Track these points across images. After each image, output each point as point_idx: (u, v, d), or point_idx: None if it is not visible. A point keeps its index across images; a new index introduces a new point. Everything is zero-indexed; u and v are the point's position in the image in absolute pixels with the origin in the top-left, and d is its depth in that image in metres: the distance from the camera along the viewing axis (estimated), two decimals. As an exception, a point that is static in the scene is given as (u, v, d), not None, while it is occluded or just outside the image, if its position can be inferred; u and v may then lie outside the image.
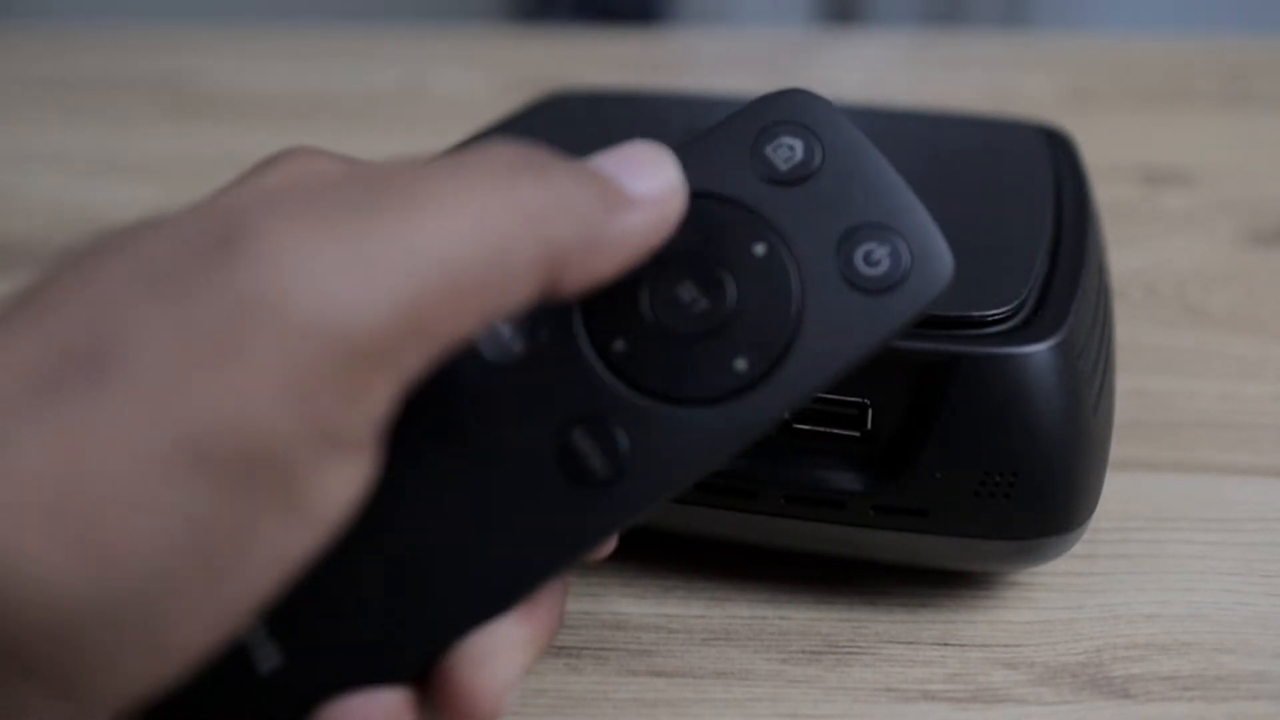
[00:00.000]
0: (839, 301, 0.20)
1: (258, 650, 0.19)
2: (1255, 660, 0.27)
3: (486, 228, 0.17)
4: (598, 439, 0.20)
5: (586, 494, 0.20)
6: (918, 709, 0.26)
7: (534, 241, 0.18)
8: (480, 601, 0.19)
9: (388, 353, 0.16)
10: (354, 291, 0.16)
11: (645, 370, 0.20)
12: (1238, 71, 0.76)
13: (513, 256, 0.17)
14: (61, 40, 0.89)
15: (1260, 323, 0.43)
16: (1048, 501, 0.25)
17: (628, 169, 0.20)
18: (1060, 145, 0.37)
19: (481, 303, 0.17)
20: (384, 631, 0.19)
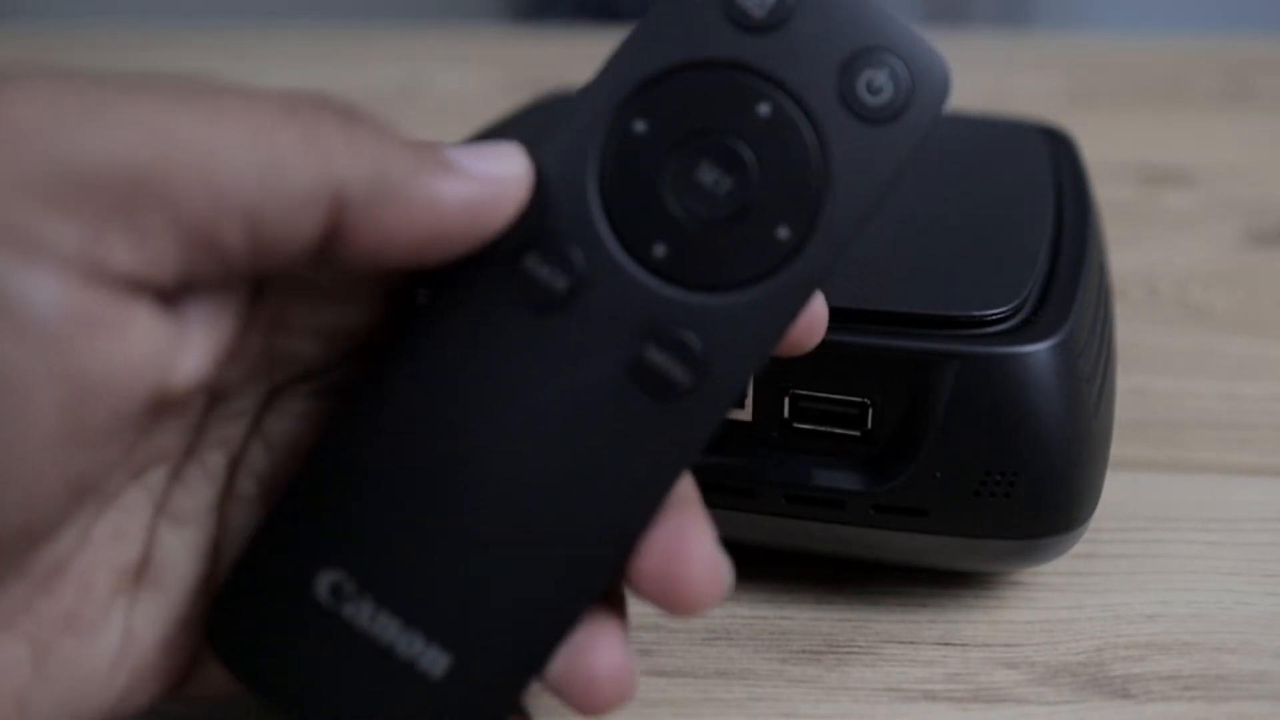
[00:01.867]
0: (855, 138, 0.20)
1: (422, 659, 0.19)
2: (1256, 660, 0.27)
3: (260, 138, 0.17)
4: (670, 349, 0.19)
5: (676, 405, 0.19)
6: (918, 709, 0.26)
7: (314, 170, 0.18)
8: (609, 541, 0.19)
9: (127, 200, 0.16)
10: (91, 133, 0.16)
11: (692, 266, 0.20)
12: (1238, 71, 0.76)
13: (287, 176, 0.17)
14: (62, 40, 0.89)
15: (1260, 323, 0.43)
16: (1048, 501, 0.25)
17: (467, 151, 0.19)
18: (1060, 145, 0.37)
19: (249, 214, 0.17)
20: (533, 593, 0.19)
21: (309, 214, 0.18)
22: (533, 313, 0.20)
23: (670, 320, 0.20)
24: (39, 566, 0.19)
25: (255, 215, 0.17)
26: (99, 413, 0.17)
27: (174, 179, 0.17)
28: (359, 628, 0.19)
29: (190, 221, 0.17)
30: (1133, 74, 0.76)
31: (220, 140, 0.17)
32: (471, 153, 0.19)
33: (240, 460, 0.21)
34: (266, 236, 0.18)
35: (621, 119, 0.20)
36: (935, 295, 0.26)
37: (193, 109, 0.17)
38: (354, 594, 0.19)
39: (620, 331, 0.19)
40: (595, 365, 0.19)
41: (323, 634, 0.19)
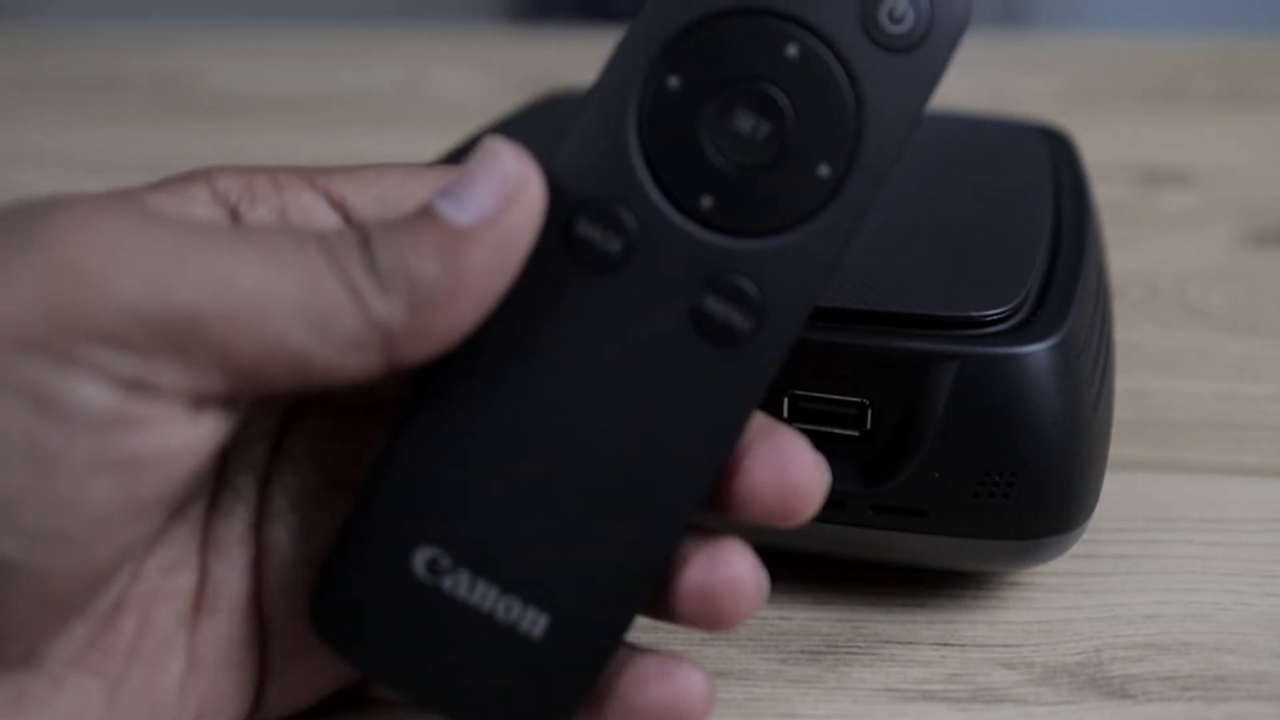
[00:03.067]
0: (883, 69, 0.20)
1: (522, 622, 0.20)
2: (1255, 660, 0.27)
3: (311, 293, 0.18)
4: (728, 297, 0.20)
5: (738, 351, 0.20)
6: (917, 709, 0.26)
7: (358, 319, 0.18)
8: (690, 482, 0.20)
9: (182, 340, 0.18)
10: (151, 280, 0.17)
11: (740, 214, 0.20)
12: (1237, 71, 0.76)
13: (335, 328, 0.18)
14: (61, 40, 0.89)
15: (1260, 323, 0.43)
16: (1047, 501, 0.25)
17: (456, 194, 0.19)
18: (1060, 145, 0.37)
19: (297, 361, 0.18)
20: (622, 541, 0.20)
21: (361, 357, 0.19)
22: (591, 276, 0.20)
23: (725, 269, 0.20)
24: (99, 606, 0.20)
25: (304, 362, 0.18)
26: (147, 490, 0.18)
27: (228, 327, 0.18)
28: (459, 599, 0.20)
29: (241, 364, 0.18)
30: (1133, 74, 0.76)
31: (273, 290, 0.18)
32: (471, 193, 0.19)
33: (269, 480, 0.22)
34: (315, 376, 0.19)
35: (654, 77, 0.20)
36: (934, 295, 0.26)
37: (246, 255, 0.18)
38: (450, 567, 0.20)
39: (677, 285, 0.20)
40: (658, 320, 0.20)
41: (425, 609, 0.20)
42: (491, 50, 0.90)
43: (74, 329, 0.17)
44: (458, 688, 0.20)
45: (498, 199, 0.19)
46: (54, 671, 0.19)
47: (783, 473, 0.20)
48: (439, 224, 0.19)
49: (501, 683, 0.20)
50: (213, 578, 0.21)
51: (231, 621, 0.22)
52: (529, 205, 0.19)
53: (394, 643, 0.20)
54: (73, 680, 0.20)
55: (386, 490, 0.20)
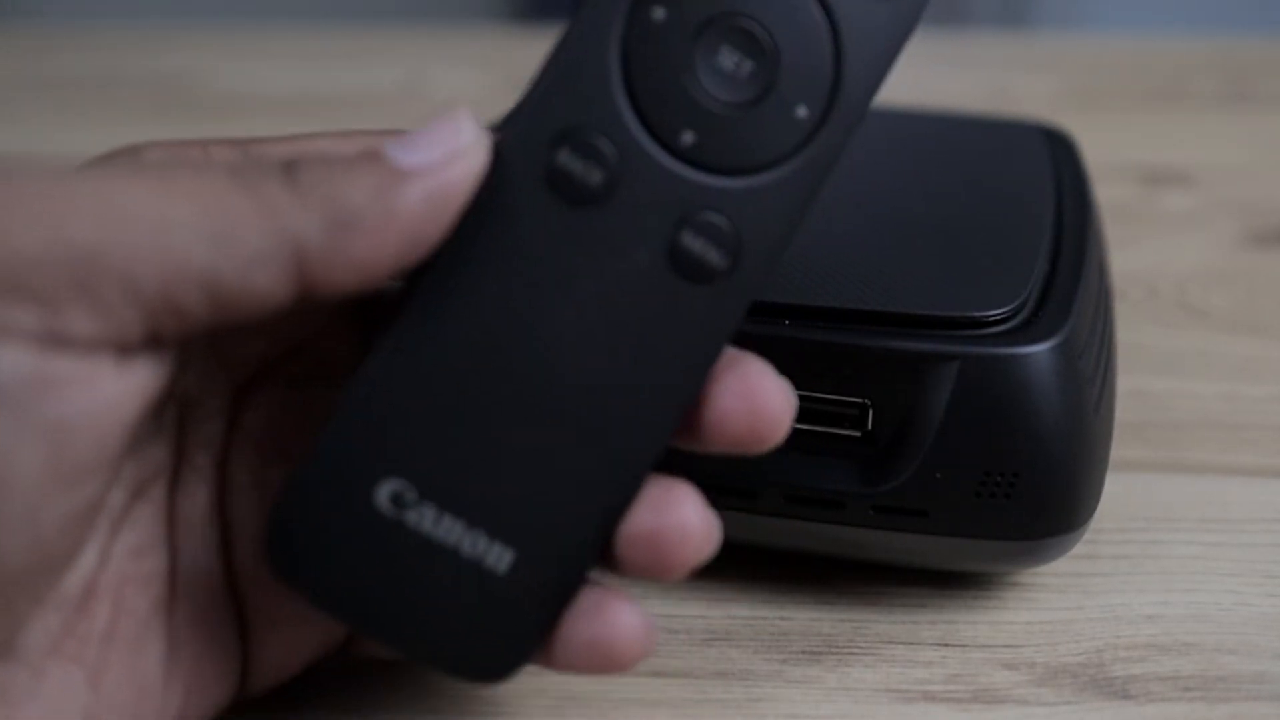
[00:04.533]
0: (862, 12, 0.20)
1: (487, 557, 0.20)
2: (1256, 661, 0.27)
3: (210, 207, 0.18)
4: (705, 234, 0.20)
5: (714, 289, 0.20)
6: (918, 709, 0.26)
7: (266, 231, 0.18)
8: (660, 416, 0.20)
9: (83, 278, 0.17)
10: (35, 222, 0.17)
11: (720, 151, 0.20)
12: (1238, 71, 0.75)
13: (240, 241, 0.18)
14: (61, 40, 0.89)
15: (1260, 323, 0.43)
16: (1048, 502, 0.25)
17: (414, 141, 0.19)
18: (1060, 145, 0.37)
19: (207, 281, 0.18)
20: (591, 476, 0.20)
21: (269, 274, 0.18)
22: (569, 207, 0.20)
23: (703, 206, 0.20)
24: (69, 593, 0.20)
25: (213, 282, 0.18)
26: (78, 455, 0.18)
27: (128, 255, 0.17)
28: (423, 534, 0.20)
29: (148, 293, 0.18)
30: (1133, 74, 0.76)
31: (171, 213, 0.18)
32: (419, 141, 0.19)
33: (228, 457, 0.22)
34: (228, 299, 0.18)
35: (638, 8, 0.20)
36: (935, 296, 0.26)
37: (142, 185, 0.18)
38: (415, 501, 0.20)
39: (656, 220, 0.20)
40: (634, 254, 0.20)
41: (387, 544, 0.20)
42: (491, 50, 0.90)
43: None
44: (419, 625, 0.20)
45: (443, 153, 0.19)
46: (33, 662, 0.19)
47: (750, 399, 0.20)
48: (378, 160, 0.19)
49: (464, 619, 0.20)
50: (183, 558, 0.22)
51: (207, 601, 0.22)
52: (471, 166, 0.19)
53: (354, 579, 0.20)
54: (53, 670, 0.20)
55: (349, 421, 0.20)
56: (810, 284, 0.26)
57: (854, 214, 0.31)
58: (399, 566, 0.20)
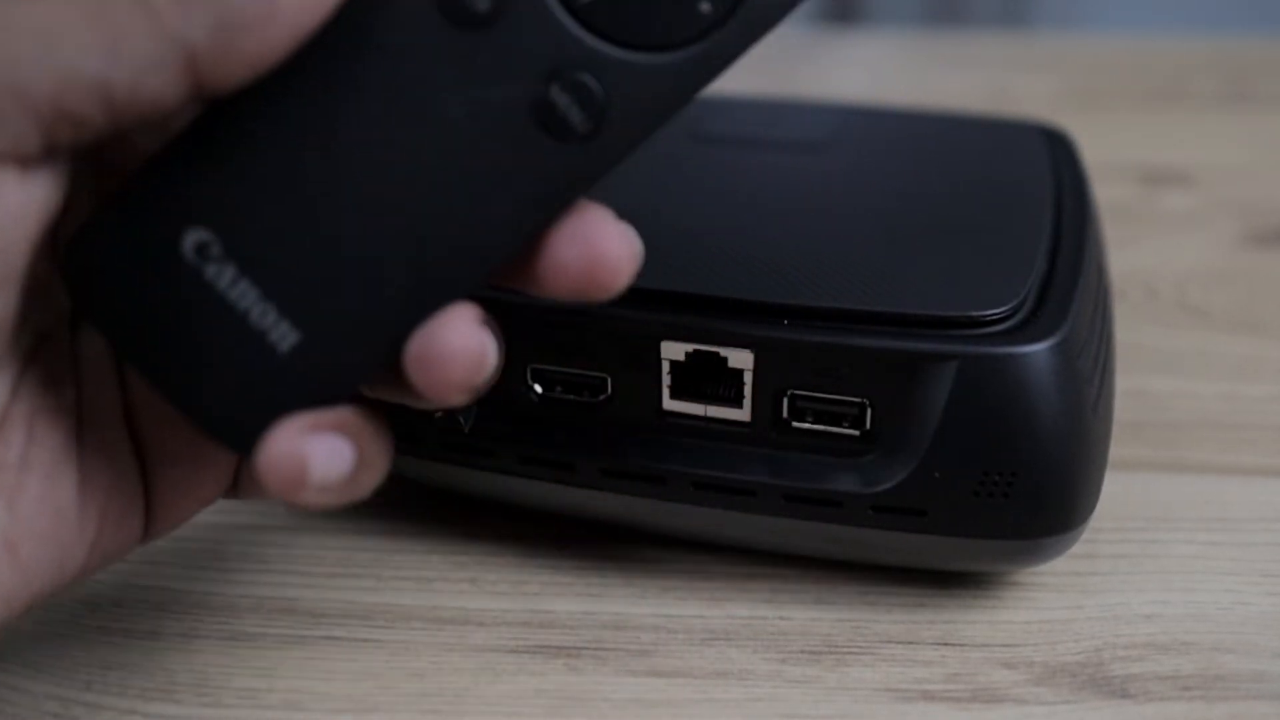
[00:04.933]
0: None
1: (272, 333, 0.20)
2: (1255, 660, 0.27)
3: (98, 17, 0.18)
4: (574, 93, 0.20)
5: (568, 149, 0.20)
6: (917, 709, 0.26)
7: (155, 36, 0.18)
8: (476, 256, 0.20)
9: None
10: None
11: (614, 18, 0.20)
12: (1238, 71, 0.75)
13: (130, 48, 0.18)
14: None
15: (1260, 323, 0.43)
16: (1047, 501, 0.25)
17: None
18: (1060, 145, 0.37)
19: (99, 89, 0.18)
20: (392, 290, 0.20)
21: (161, 78, 0.18)
22: (449, 25, 0.20)
23: (580, 65, 0.20)
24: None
25: (106, 89, 0.18)
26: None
27: (18, 70, 0.18)
28: (217, 290, 0.20)
29: (42, 105, 0.18)
30: (1133, 74, 0.76)
31: (60, 25, 0.18)
32: None
33: None
34: (123, 104, 0.19)
35: None
36: (934, 295, 0.26)
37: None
38: (219, 256, 0.20)
39: (531, 64, 0.20)
40: (500, 90, 0.20)
41: (179, 288, 0.20)
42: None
43: None
44: (189, 376, 0.20)
45: None
46: None
47: (589, 245, 0.20)
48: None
49: (231, 385, 0.20)
50: (88, 392, 0.22)
51: (113, 434, 0.22)
52: None
53: (140, 314, 0.20)
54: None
55: (177, 162, 0.20)
56: (809, 284, 0.26)
57: (853, 213, 0.31)
58: (185, 316, 0.20)
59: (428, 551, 0.30)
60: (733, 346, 0.26)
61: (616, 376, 0.27)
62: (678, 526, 0.29)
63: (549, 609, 0.28)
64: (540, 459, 0.28)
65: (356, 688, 0.26)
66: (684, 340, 0.26)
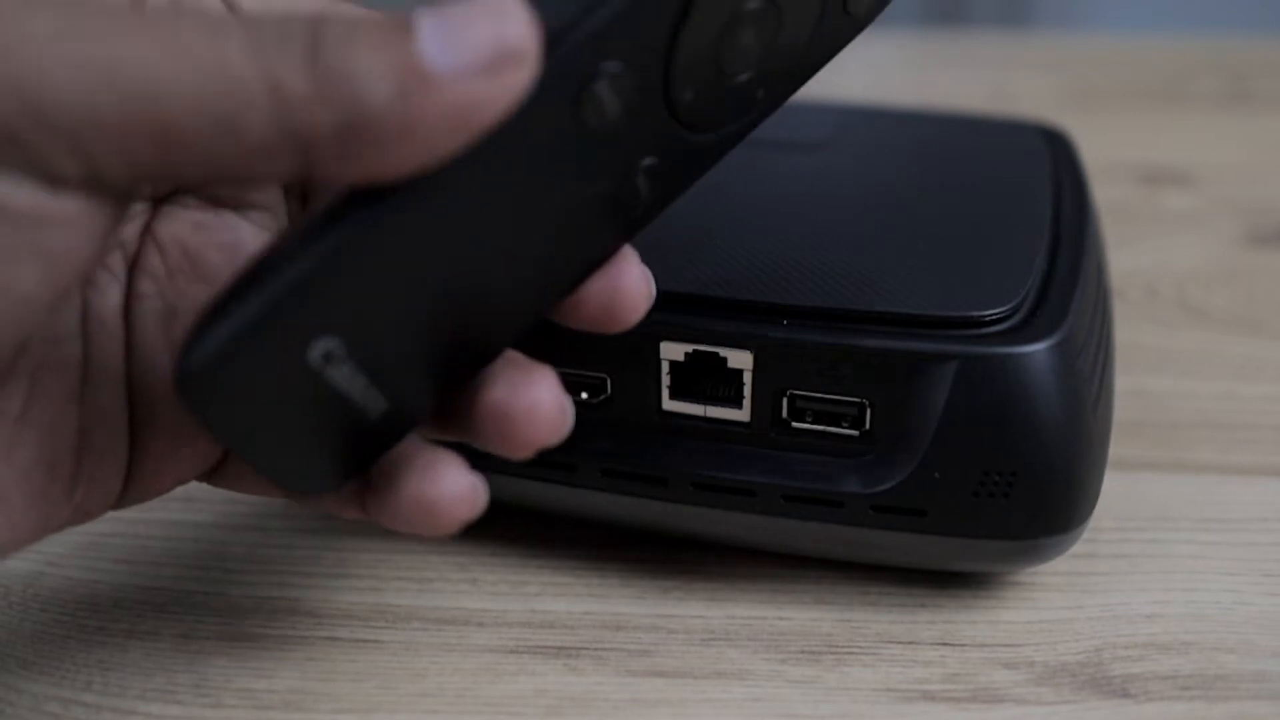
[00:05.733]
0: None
1: (368, 405, 0.21)
2: (1255, 660, 0.27)
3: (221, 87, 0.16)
4: (652, 178, 0.22)
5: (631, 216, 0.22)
6: (917, 709, 0.26)
7: (277, 122, 0.17)
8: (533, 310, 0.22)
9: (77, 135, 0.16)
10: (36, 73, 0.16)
11: (700, 112, 0.22)
12: (1238, 71, 0.75)
13: (247, 129, 0.17)
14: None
15: (1260, 323, 0.43)
16: (1047, 501, 0.25)
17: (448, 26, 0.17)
18: (1060, 145, 0.37)
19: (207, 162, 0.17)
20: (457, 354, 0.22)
21: (271, 163, 0.17)
22: (576, 129, 0.20)
23: (666, 152, 0.22)
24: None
25: (213, 163, 0.17)
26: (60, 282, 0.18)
27: (124, 128, 0.16)
28: (333, 385, 0.20)
29: (145, 161, 0.17)
30: (1133, 74, 0.76)
31: (177, 85, 0.16)
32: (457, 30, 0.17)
33: (136, 262, 0.23)
34: (224, 176, 0.18)
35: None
36: (934, 295, 0.26)
37: (146, 43, 0.16)
38: (342, 358, 0.20)
39: (634, 158, 0.21)
40: (601, 182, 0.21)
41: (300, 389, 0.20)
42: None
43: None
44: (282, 448, 0.21)
45: (488, 57, 0.17)
46: None
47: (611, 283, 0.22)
48: (408, 47, 0.17)
49: (319, 446, 0.21)
50: (94, 352, 0.22)
51: (112, 395, 0.22)
52: (514, 84, 0.17)
53: (254, 412, 0.20)
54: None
55: (297, 266, 0.20)
56: (809, 284, 0.26)
57: (853, 213, 0.31)
58: (297, 407, 0.20)
59: (428, 552, 0.30)
60: (732, 347, 0.26)
61: (616, 377, 0.27)
62: (678, 526, 0.29)
63: (549, 609, 0.29)
64: (540, 459, 0.27)
65: (357, 688, 0.26)
66: (684, 340, 0.26)
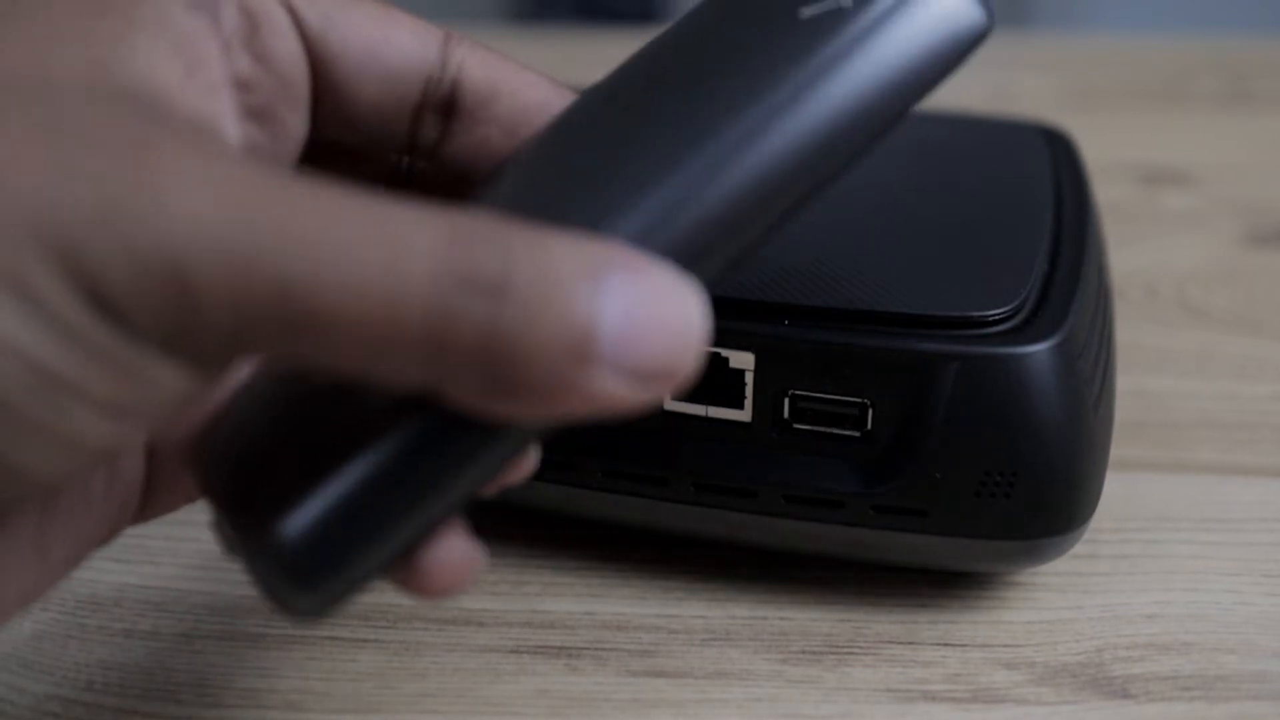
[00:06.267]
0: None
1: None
2: (1256, 660, 0.27)
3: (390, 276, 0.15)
4: None
5: None
6: (918, 709, 0.26)
7: (423, 357, 0.15)
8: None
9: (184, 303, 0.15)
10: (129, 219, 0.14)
11: None
12: (1238, 71, 0.75)
13: (390, 352, 0.15)
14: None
15: (1260, 323, 0.43)
16: (1048, 501, 0.25)
17: (630, 331, 0.16)
18: (1060, 145, 0.37)
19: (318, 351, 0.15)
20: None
21: (393, 376, 0.16)
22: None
23: None
24: None
25: (330, 361, 0.16)
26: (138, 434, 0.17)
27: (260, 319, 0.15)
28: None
29: (260, 347, 0.16)
30: (1133, 74, 0.76)
31: (332, 286, 0.14)
32: (638, 340, 0.16)
33: None
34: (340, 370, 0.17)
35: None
36: (935, 296, 0.26)
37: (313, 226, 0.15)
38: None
39: None
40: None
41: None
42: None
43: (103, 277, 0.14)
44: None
45: (653, 372, 0.16)
46: None
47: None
48: (589, 338, 0.16)
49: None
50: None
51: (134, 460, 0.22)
52: (660, 395, 0.17)
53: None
54: None
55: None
56: (810, 284, 0.26)
57: (854, 213, 0.31)
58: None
59: (428, 552, 0.30)
60: (733, 347, 0.26)
61: (617, 377, 0.27)
62: (679, 527, 0.29)
63: (549, 609, 0.28)
64: (541, 459, 0.28)
65: (357, 688, 0.26)
66: (685, 340, 0.26)
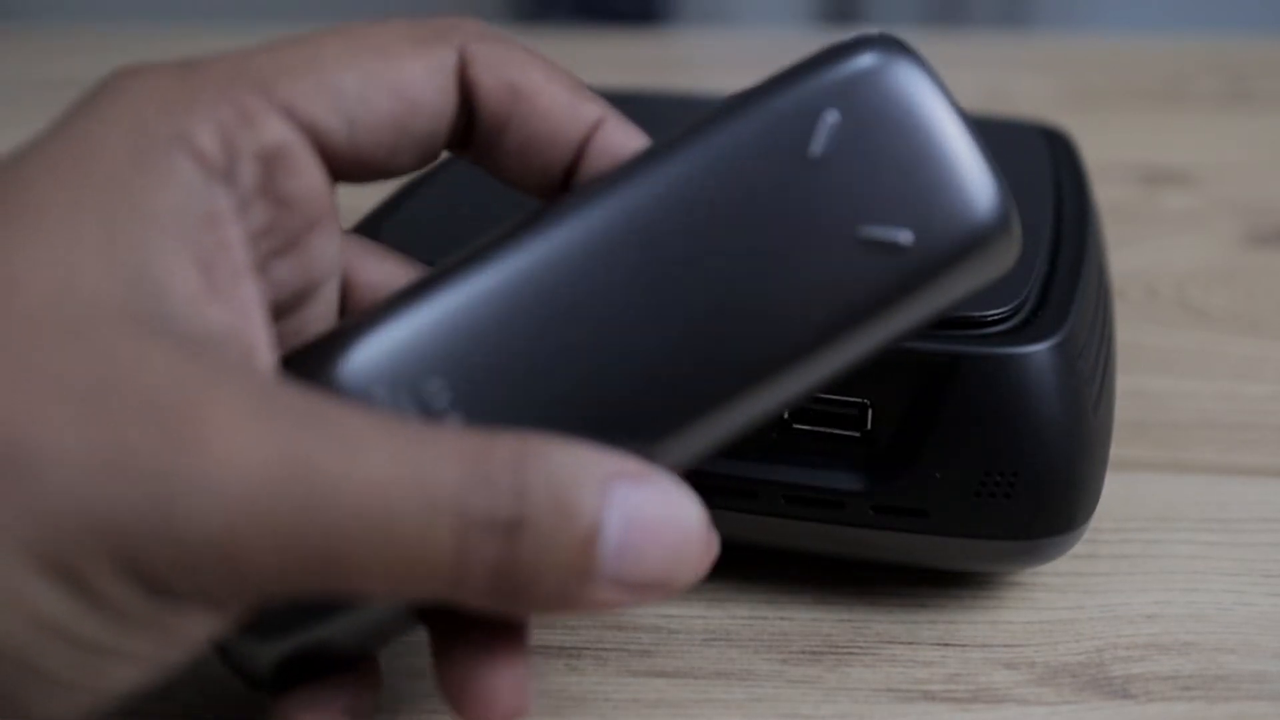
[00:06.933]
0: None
1: None
2: (1256, 660, 0.27)
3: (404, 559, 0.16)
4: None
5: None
6: (918, 709, 0.26)
7: (445, 587, 0.16)
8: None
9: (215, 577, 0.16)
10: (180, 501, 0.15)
11: None
12: (1238, 71, 0.75)
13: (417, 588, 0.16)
14: (62, 40, 0.89)
15: (1260, 323, 0.43)
16: (1048, 501, 0.25)
17: (630, 548, 0.17)
18: (1060, 145, 0.37)
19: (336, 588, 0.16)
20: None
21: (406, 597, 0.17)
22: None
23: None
24: None
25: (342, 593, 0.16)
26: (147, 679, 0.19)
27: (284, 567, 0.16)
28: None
29: (279, 592, 0.16)
30: (1133, 74, 0.76)
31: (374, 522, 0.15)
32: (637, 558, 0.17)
33: None
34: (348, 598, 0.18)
35: None
36: (935, 296, 0.26)
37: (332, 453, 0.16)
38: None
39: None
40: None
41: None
42: (491, 51, 0.90)
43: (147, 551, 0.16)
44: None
45: (651, 582, 0.18)
46: None
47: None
48: (592, 561, 0.17)
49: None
50: None
51: None
52: (658, 601, 0.18)
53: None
54: None
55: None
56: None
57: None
58: None
59: (428, 552, 0.30)
60: None
61: (617, 377, 0.27)
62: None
63: (550, 609, 0.28)
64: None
65: (357, 688, 0.26)
66: (685, 340, 0.26)
